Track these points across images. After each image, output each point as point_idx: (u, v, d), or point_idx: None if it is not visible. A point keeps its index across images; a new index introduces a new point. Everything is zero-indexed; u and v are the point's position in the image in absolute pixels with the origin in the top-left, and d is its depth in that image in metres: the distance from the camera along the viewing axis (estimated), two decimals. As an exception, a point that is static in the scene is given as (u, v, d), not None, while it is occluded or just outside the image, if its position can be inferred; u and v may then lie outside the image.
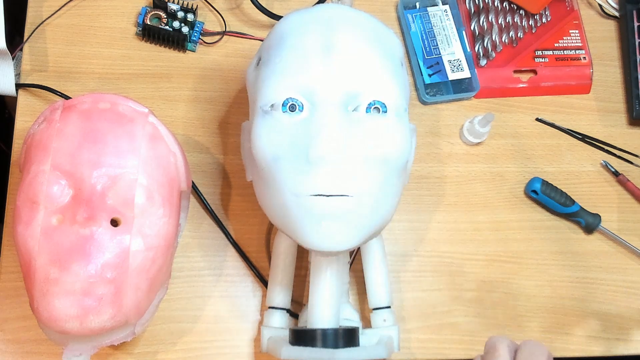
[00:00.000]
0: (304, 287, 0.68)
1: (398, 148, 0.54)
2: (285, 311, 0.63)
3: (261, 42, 0.76)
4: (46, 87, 0.70)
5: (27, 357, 0.62)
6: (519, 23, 0.80)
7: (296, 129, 0.53)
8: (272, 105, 0.54)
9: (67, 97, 0.70)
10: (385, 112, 0.54)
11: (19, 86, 0.70)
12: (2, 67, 0.68)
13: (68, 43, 0.73)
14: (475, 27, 0.79)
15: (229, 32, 0.75)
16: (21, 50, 0.71)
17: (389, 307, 0.63)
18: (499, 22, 0.79)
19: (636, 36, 0.81)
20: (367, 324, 0.65)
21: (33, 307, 0.53)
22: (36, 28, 0.72)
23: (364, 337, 0.61)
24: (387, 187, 0.54)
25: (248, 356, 0.65)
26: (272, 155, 0.54)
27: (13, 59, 0.68)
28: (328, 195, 0.52)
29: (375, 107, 0.54)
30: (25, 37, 0.72)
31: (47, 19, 0.73)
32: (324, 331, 0.56)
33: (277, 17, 0.75)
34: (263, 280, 0.67)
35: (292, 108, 0.54)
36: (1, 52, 0.67)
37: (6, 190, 0.67)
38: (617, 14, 0.83)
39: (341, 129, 0.53)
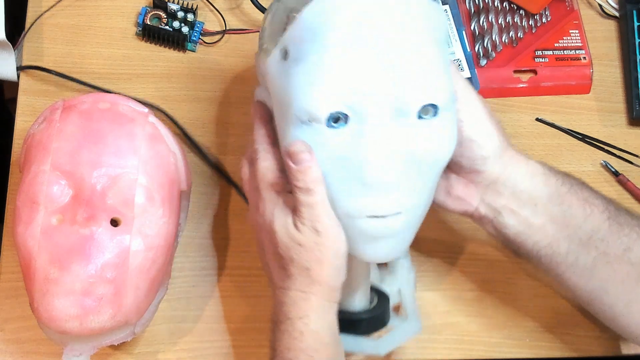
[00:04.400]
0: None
1: (450, 148, 0.52)
2: None
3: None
4: (45, 68, 0.70)
5: (27, 357, 0.62)
6: (519, 23, 0.80)
7: (342, 142, 0.49)
8: (312, 117, 0.49)
9: (66, 77, 0.70)
10: (437, 113, 0.50)
11: (19, 69, 0.71)
12: (3, 56, 0.69)
13: (68, 43, 0.73)
14: (475, 27, 0.79)
15: (229, 30, 0.75)
16: (22, 40, 0.72)
17: None
18: (499, 22, 0.79)
19: (636, 36, 0.81)
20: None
21: (33, 307, 0.53)
22: (37, 18, 0.73)
23: (385, 284, 0.61)
24: (432, 191, 0.53)
25: (248, 356, 0.65)
26: None
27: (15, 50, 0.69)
28: (383, 216, 0.50)
29: (426, 111, 0.50)
30: (26, 28, 0.72)
31: (48, 10, 0.73)
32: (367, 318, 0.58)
33: (277, 17, 0.75)
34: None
35: (336, 120, 0.49)
36: (2, 43, 0.67)
37: (6, 190, 0.67)
38: (617, 14, 0.83)
39: (395, 143, 0.49)
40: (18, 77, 0.71)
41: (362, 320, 0.58)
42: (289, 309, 0.52)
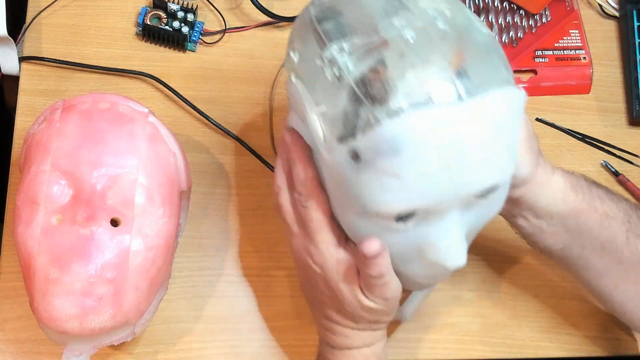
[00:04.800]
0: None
1: (500, 208, 0.53)
2: None
3: (262, 27, 0.75)
4: (47, 58, 0.71)
5: (27, 357, 0.62)
6: (519, 23, 0.80)
7: (411, 231, 0.49)
8: (381, 216, 0.48)
9: (68, 63, 0.71)
10: (498, 188, 0.49)
11: (21, 60, 0.71)
12: (5, 51, 0.69)
13: (68, 43, 0.73)
14: (475, 27, 0.79)
15: (229, 29, 0.75)
16: (23, 37, 0.72)
17: None
18: (499, 22, 0.79)
19: (636, 36, 0.81)
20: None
21: (33, 307, 0.53)
22: (37, 15, 0.73)
23: None
24: None
25: (248, 356, 0.65)
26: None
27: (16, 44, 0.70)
28: None
29: (489, 191, 0.49)
30: (27, 24, 0.72)
31: (49, 5, 0.73)
32: None
33: (277, 17, 0.75)
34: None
35: (405, 217, 0.48)
36: (3, 38, 0.67)
37: (6, 190, 0.67)
38: (617, 14, 0.83)
39: (462, 226, 0.50)
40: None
41: None
42: (352, 341, 0.56)
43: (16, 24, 0.73)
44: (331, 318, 0.56)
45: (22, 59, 0.71)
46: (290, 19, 0.76)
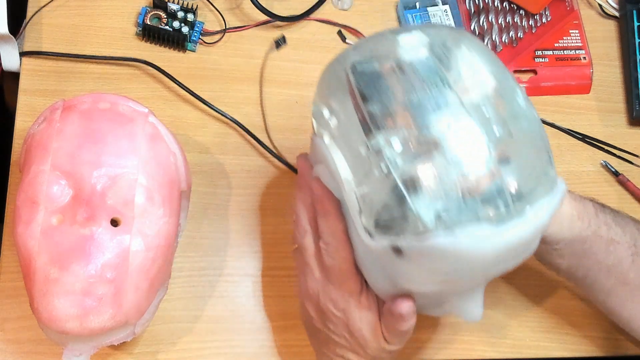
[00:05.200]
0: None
1: None
2: None
3: (263, 27, 0.75)
4: (47, 52, 0.71)
5: (27, 357, 0.62)
6: (519, 23, 0.80)
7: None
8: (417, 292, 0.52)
9: (69, 56, 0.71)
10: None
11: (22, 54, 0.71)
12: (6, 49, 0.69)
13: (68, 43, 0.73)
14: (475, 27, 0.79)
15: (229, 29, 0.75)
16: (23, 33, 0.72)
17: None
18: (499, 22, 0.79)
19: (636, 36, 0.81)
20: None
21: (33, 307, 0.53)
22: (37, 11, 0.73)
23: None
24: None
25: (248, 356, 0.65)
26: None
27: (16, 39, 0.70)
28: None
29: None
30: (27, 19, 0.73)
31: (49, 2, 0.73)
32: None
33: (277, 17, 0.75)
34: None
35: None
36: (5, 36, 0.67)
37: (6, 190, 0.67)
38: (617, 14, 0.83)
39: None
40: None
41: None
42: None
43: (16, 24, 0.73)
44: (346, 357, 0.57)
45: (22, 54, 0.71)
46: (290, 19, 0.76)
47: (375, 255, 0.49)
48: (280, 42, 0.74)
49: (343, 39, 0.77)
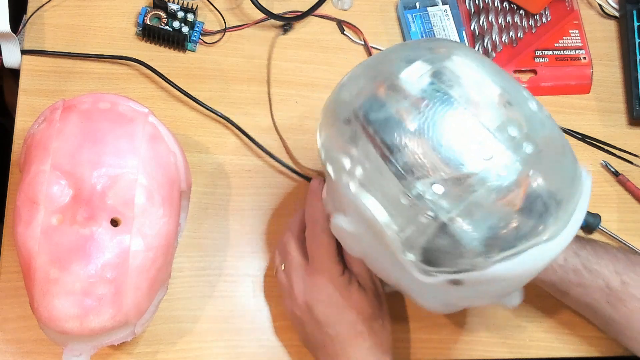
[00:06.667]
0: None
1: None
2: None
3: (263, 27, 0.76)
4: (47, 51, 0.71)
5: (27, 357, 0.62)
6: (519, 23, 0.80)
7: None
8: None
9: (70, 54, 0.71)
10: None
11: (22, 52, 0.71)
12: (7, 45, 0.69)
13: (68, 43, 0.73)
14: (475, 27, 0.79)
15: (229, 28, 0.75)
16: (24, 27, 0.72)
17: None
18: (499, 22, 0.79)
19: (636, 36, 0.81)
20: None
21: (33, 307, 0.53)
22: (37, 9, 0.73)
23: None
24: None
25: (248, 356, 0.65)
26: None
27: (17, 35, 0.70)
28: None
29: None
30: (27, 16, 0.73)
31: (48, 1, 0.73)
32: None
33: (277, 17, 0.75)
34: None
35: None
36: (6, 34, 0.67)
37: (6, 190, 0.67)
38: (617, 14, 0.83)
39: None
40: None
41: None
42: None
43: (17, 24, 0.73)
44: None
45: (23, 52, 0.71)
46: (290, 19, 0.76)
47: (430, 286, 0.50)
48: (287, 27, 0.75)
49: (342, 30, 0.77)
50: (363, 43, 0.77)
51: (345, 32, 0.77)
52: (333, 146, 0.51)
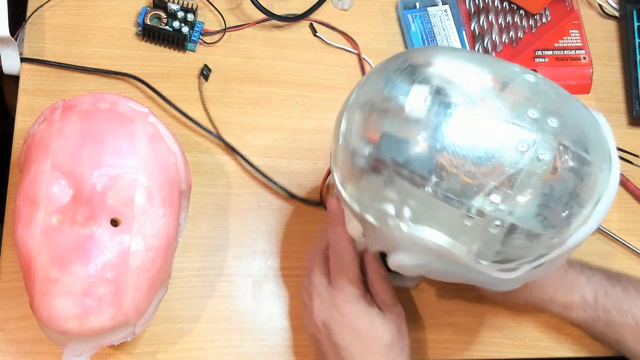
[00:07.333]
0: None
1: None
2: None
3: (263, 27, 0.76)
4: (46, 60, 0.71)
5: (27, 357, 0.62)
6: (519, 23, 0.80)
7: None
8: None
9: (69, 66, 0.71)
10: None
11: (22, 60, 0.71)
12: (6, 51, 0.69)
13: (68, 43, 0.73)
14: (475, 27, 0.79)
15: (229, 28, 0.75)
16: (22, 33, 0.72)
17: None
18: (499, 22, 0.79)
19: (636, 36, 0.81)
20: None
21: (33, 307, 0.53)
22: (37, 9, 0.73)
23: None
24: None
25: (248, 356, 0.65)
26: None
27: (16, 40, 0.70)
28: None
29: None
30: (27, 18, 0.73)
31: (47, 1, 0.73)
32: None
33: (278, 17, 0.75)
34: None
35: None
36: (5, 39, 0.67)
37: (6, 190, 0.67)
38: (617, 14, 0.83)
39: None
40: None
41: None
42: None
43: (16, 25, 0.73)
44: None
45: (22, 60, 0.71)
46: (290, 19, 0.76)
47: (511, 279, 0.51)
48: (206, 72, 0.73)
49: (314, 32, 0.77)
50: (356, 52, 0.77)
51: (317, 34, 0.77)
52: (368, 197, 0.51)
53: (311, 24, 0.77)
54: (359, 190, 0.51)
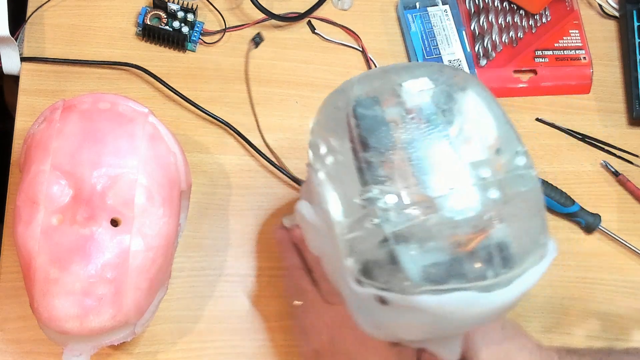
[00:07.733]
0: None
1: None
2: None
3: (261, 22, 0.76)
4: (47, 58, 0.71)
5: (27, 357, 0.62)
6: (519, 23, 0.80)
7: None
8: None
9: (69, 61, 0.71)
10: None
11: (22, 60, 0.71)
12: (6, 51, 0.69)
13: (68, 43, 0.73)
14: (475, 27, 0.79)
15: (229, 28, 0.75)
16: (22, 34, 0.72)
17: None
18: (499, 22, 0.79)
19: (636, 36, 0.81)
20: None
21: (33, 307, 0.53)
22: (36, 9, 0.73)
23: None
24: None
25: (248, 356, 0.65)
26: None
27: (16, 40, 0.70)
28: None
29: None
30: (26, 19, 0.73)
31: (47, 1, 0.73)
32: None
33: (277, 17, 0.75)
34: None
35: None
36: (5, 38, 0.67)
37: (6, 190, 0.67)
38: (617, 14, 0.83)
39: None
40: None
41: None
42: None
43: (16, 25, 0.73)
44: None
45: (22, 59, 0.71)
46: (290, 19, 0.76)
47: (361, 299, 0.49)
48: (257, 40, 0.73)
49: (312, 29, 0.77)
50: (361, 49, 0.77)
51: (316, 31, 0.77)
52: (317, 131, 0.51)
53: (309, 21, 0.77)
54: (317, 122, 0.52)
